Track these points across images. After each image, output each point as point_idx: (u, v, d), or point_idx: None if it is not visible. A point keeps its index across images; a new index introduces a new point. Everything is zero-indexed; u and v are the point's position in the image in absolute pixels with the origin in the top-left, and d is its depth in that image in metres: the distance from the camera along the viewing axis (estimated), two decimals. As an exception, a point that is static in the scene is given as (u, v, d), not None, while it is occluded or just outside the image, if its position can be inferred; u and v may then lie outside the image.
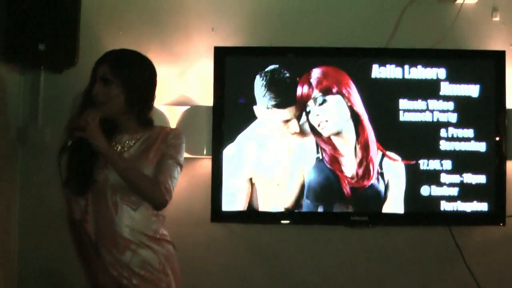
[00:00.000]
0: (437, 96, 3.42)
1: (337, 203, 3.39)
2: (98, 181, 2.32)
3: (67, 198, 2.37)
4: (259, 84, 3.41)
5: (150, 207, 2.35)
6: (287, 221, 3.42)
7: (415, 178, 3.40)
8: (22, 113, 3.57)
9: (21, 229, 3.52)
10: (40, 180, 3.50)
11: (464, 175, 3.44)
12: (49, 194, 3.46)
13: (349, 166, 3.40)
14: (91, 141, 2.19)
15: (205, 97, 3.51)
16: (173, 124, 3.44)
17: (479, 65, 3.43)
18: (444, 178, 3.42)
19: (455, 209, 3.42)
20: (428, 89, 3.41)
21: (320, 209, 3.40)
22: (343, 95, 3.40)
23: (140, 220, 2.35)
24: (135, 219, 2.35)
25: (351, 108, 3.39)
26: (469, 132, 3.44)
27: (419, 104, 3.42)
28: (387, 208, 3.40)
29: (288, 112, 3.40)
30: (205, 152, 3.44)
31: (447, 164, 3.43)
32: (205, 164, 3.49)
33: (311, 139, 3.41)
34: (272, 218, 3.41)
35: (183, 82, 3.56)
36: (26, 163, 3.55)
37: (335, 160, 3.40)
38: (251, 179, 3.41)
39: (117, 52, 2.39)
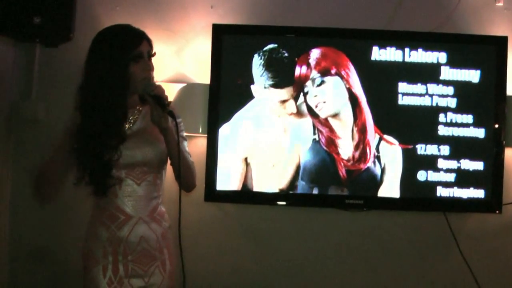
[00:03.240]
0: (437, 81, 3.39)
1: (332, 185, 3.38)
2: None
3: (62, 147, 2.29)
4: (257, 63, 3.39)
5: (153, 183, 2.35)
6: (282, 203, 3.43)
7: (412, 162, 3.38)
8: (15, 88, 3.58)
9: (13, 206, 3.55)
10: (34, 158, 3.39)
11: (462, 161, 3.41)
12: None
13: (346, 149, 3.38)
14: (163, 117, 2.22)
15: (202, 75, 3.50)
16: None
17: (480, 50, 3.39)
18: (441, 163, 3.40)
19: (451, 195, 3.40)
20: (428, 73, 3.38)
21: (315, 191, 3.39)
22: (341, 77, 3.37)
23: (142, 196, 2.36)
24: (138, 194, 2.35)
25: (349, 90, 3.37)
26: (468, 118, 3.41)
27: (419, 88, 3.39)
28: (382, 192, 3.39)
29: (285, 92, 3.38)
30: (200, 131, 3.45)
31: (445, 149, 3.41)
32: (200, 143, 3.48)
33: (308, 120, 3.39)
34: (266, 199, 3.41)
35: (180, 60, 3.56)
36: (19, 139, 3.56)
37: (331, 142, 3.39)
38: (246, 159, 3.40)
39: (140, 30, 2.37)
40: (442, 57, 3.41)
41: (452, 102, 3.41)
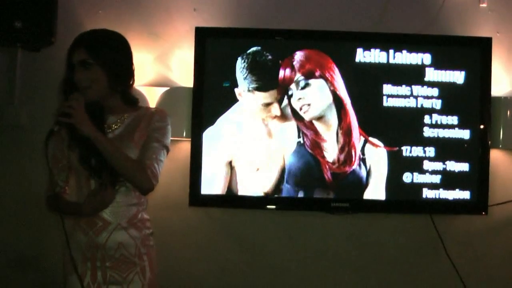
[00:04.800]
0: (422, 82, 3.37)
1: (317, 188, 3.36)
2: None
3: (52, 172, 2.36)
4: (240, 66, 3.36)
5: (132, 189, 2.34)
6: (267, 206, 3.40)
7: (397, 164, 3.36)
8: None
9: None
10: (17, 164, 3.48)
11: (447, 162, 3.40)
12: (25, 178, 3.45)
13: (331, 151, 3.36)
14: (77, 126, 2.17)
15: (185, 79, 3.47)
16: (152, 105, 3.40)
17: (465, 51, 3.39)
18: (426, 165, 3.39)
19: (437, 197, 3.39)
20: (413, 75, 3.37)
21: (301, 195, 3.36)
22: (326, 79, 3.35)
23: (121, 202, 2.34)
24: (117, 200, 2.33)
25: (334, 93, 3.35)
26: (454, 119, 3.40)
27: (403, 89, 3.38)
28: (368, 195, 3.37)
29: (269, 96, 3.35)
30: (184, 134, 3.42)
31: (430, 151, 3.39)
32: (185, 147, 3.44)
33: (292, 123, 3.36)
34: (251, 202, 3.38)
35: (163, 63, 3.53)
36: (1, 146, 3.52)
37: (316, 145, 3.37)
38: (230, 163, 3.37)
39: (90, 34, 2.35)
40: (426, 58, 3.40)
41: (437, 104, 3.40)
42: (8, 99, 3.48)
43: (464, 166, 3.40)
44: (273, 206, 3.40)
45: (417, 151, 3.39)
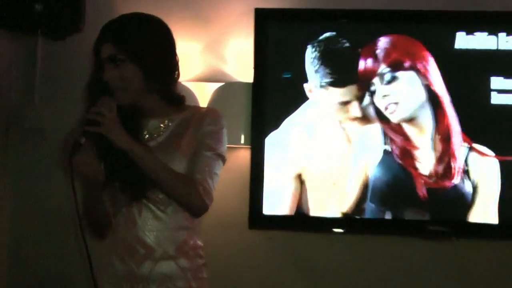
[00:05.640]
0: (541, 74, 3.11)
1: (409, 208, 3.07)
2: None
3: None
4: (311, 56, 3.13)
5: (181, 210, 2.17)
6: (345, 230, 3.14)
7: (512, 178, 3.10)
8: (14, 90, 3.37)
9: (13, 230, 3.35)
10: (36, 173, 3.33)
11: None
12: (46, 189, 3.31)
13: (426, 162, 3.07)
14: (108, 137, 2.04)
15: (243, 72, 3.24)
16: (202, 104, 3.17)
17: None
18: (551, 179, 3.07)
19: None
20: (529, 64, 3.11)
21: (388, 216, 3.09)
22: (417, 71, 3.08)
23: (168, 225, 2.18)
24: (163, 222, 2.16)
25: (428, 88, 3.09)
26: None
27: (517, 83, 3.14)
28: (474, 217, 3.06)
29: (347, 92, 3.12)
30: (242, 141, 3.18)
31: (555, 160, 3.08)
32: (243, 155, 3.21)
33: (376, 126, 3.10)
34: (325, 225, 3.13)
35: (214, 53, 3.31)
36: (19, 152, 3.36)
37: (407, 153, 3.08)
38: (299, 176, 3.13)
39: (118, 22, 2.18)
40: (547, 43, 3.11)
41: (561, 101, 3.09)
42: (27, 98, 3.34)
43: None
44: (353, 230, 3.15)
45: (538, 160, 3.09)
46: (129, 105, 2.15)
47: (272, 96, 3.14)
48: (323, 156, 3.13)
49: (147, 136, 2.21)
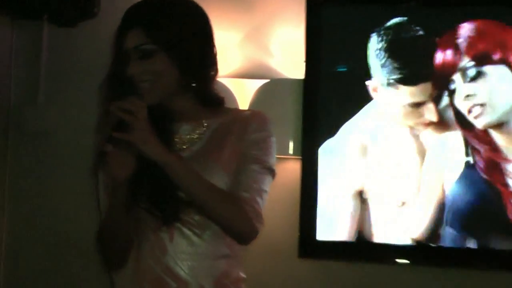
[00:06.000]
0: None
1: (498, 235, 2.76)
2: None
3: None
4: (376, 47, 2.84)
5: (221, 235, 2.01)
6: (415, 261, 2.83)
7: None
8: (15, 86, 3.22)
9: (9, 247, 3.22)
10: (39, 183, 3.19)
11: None
12: (50, 201, 3.16)
13: None
14: (140, 147, 1.84)
15: (292, 67, 3.01)
16: (242, 105, 2.94)
17: None
18: None
19: None
20: None
21: (471, 244, 2.76)
22: (509, 65, 2.74)
23: (205, 253, 2.00)
24: (199, 250, 1.99)
25: None
26: None
27: None
28: None
29: (420, 91, 2.82)
30: (291, 151, 2.93)
31: None
32: (291, 168, 2.96)
33: (456, 133, 2.79)
34: (392, 254, 2.83)
35: (257, 44, 3.07)
36: (20, 157, 3.21)
37: (495, 166, 2.76)
38: (360, 194, 2.87)
39: (145, 5, 1.99)
40: None
41: None
42: (30, 96, 3.16)
43: None
44: (427, 261, 2.82)
45: None
46: (157, 106, 1.94)
47: (327, 96, 2.88)
48: (389, 170, 2.86)
49: (177, 144, 2.02)
